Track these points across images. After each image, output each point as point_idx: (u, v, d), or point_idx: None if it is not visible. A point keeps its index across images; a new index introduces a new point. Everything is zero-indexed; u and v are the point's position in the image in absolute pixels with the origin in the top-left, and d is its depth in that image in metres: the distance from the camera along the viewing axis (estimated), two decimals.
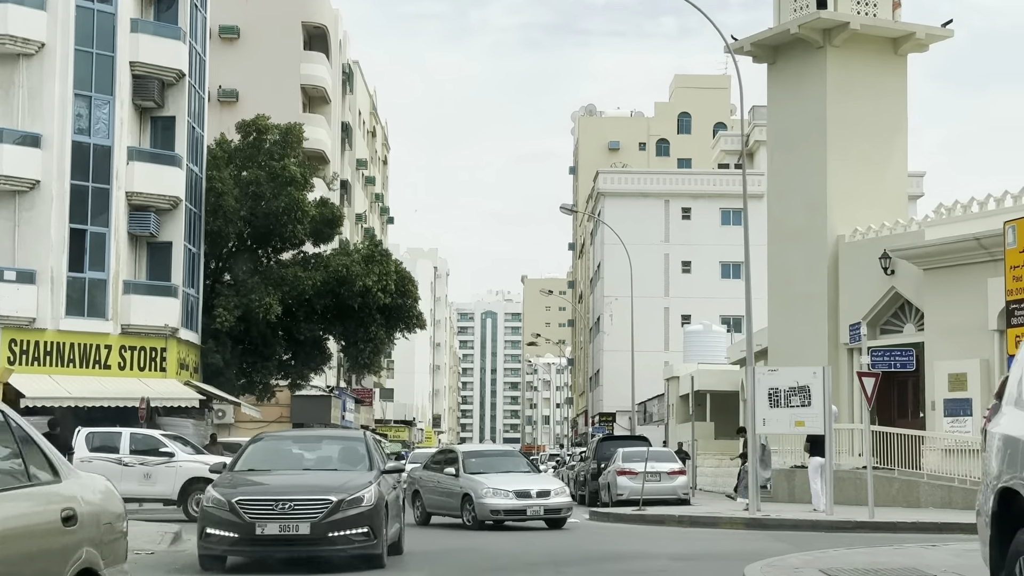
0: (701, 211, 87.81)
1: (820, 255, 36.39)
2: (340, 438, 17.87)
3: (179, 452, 25.97)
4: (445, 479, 24.68)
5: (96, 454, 25.50)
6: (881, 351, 24.35)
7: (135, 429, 28.01)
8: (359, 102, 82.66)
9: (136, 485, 24.98)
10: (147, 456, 25.81)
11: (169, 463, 25.64)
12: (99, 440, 26.35)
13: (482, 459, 25.43)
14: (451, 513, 24.42)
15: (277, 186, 39.82)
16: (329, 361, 43.40)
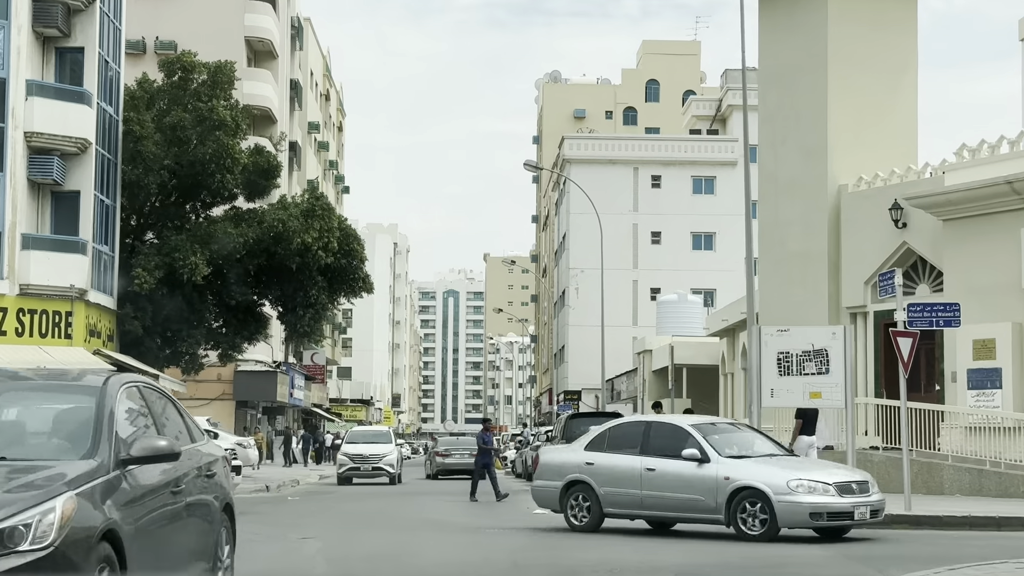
0: (672, 179, 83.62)
1: (819, 208, 32.08)
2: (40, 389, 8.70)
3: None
4: (672, 467, 16.98)
5: None
6: (920, 306, 20.05)
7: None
8: (311, 61, 77.89)
9: None
10: None
11: None
12: None
13: (722, 435, 17.66)
14: (695, 516, 16.96)
15: (204, 130, 35.11)
16: (265, 329, 38.73)
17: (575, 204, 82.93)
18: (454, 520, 20.81)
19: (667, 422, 18.32)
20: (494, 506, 25.87)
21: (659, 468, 17.17)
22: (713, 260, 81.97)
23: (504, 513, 23.40)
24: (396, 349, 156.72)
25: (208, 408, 57.18)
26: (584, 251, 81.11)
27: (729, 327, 44.35)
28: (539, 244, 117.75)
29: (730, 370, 44.99)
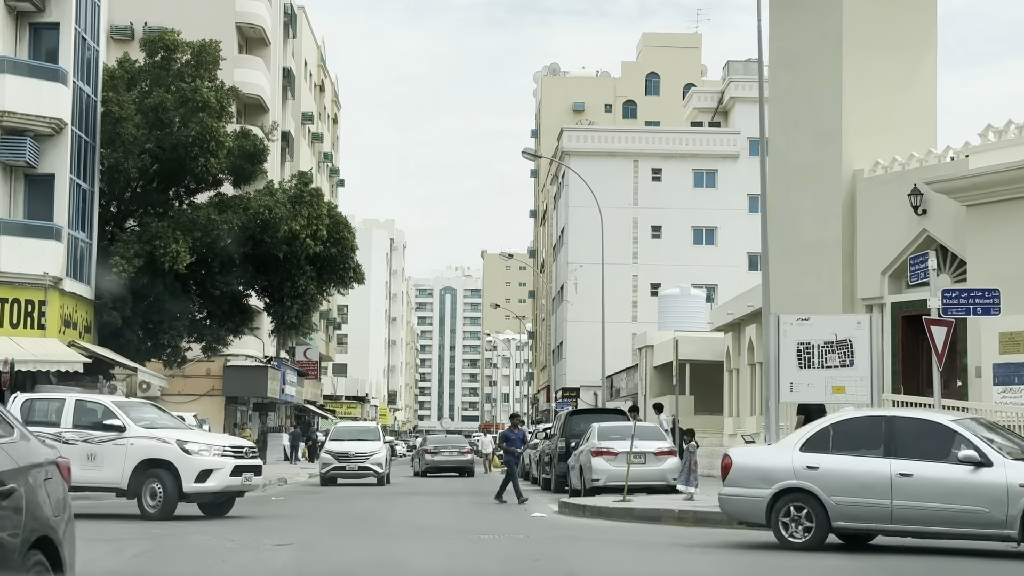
0: (672, 172, 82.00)
1: (834, 195, 30.44)
2: None
3: (131, 426, 20.19)
4: (937, 472, 14.05)
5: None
6: (955, 292, 18.43)
7: (81, 394, 22.38)
8: (304, 50, 76.19)
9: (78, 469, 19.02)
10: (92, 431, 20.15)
11: (118, 439, 20.08)
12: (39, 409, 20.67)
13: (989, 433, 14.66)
14: (971, 532, 13.96)
15: (187, 112, 33.48)
16: (251, 321, 37.08)
17: (574, 197, 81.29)
18: (445, 523, 19.19)
19: (920, 417, 15.08)
20: (488, 507, 24.23)
21: (917, 474, 14.00)
22: (715, 255, 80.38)
23: (500, 515, 21.78)
24: (392, 346, 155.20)
25: (197, 404, 55.49)
26: (583, 245, 79.49)
27: (734, 321, 42.73)
28: (537, 239, 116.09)
29: (735, 366, 43.38)
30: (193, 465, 19.62)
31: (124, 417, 19.98)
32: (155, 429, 20.06)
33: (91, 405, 20.58)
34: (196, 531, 17.37)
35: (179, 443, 19.65)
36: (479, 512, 22.94)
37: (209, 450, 19.85)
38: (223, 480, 19.77)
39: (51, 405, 20.49)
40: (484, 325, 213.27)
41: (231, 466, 19.94)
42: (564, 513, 21.55)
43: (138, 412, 20.64)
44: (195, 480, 19.60)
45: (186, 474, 19.57)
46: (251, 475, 20.60)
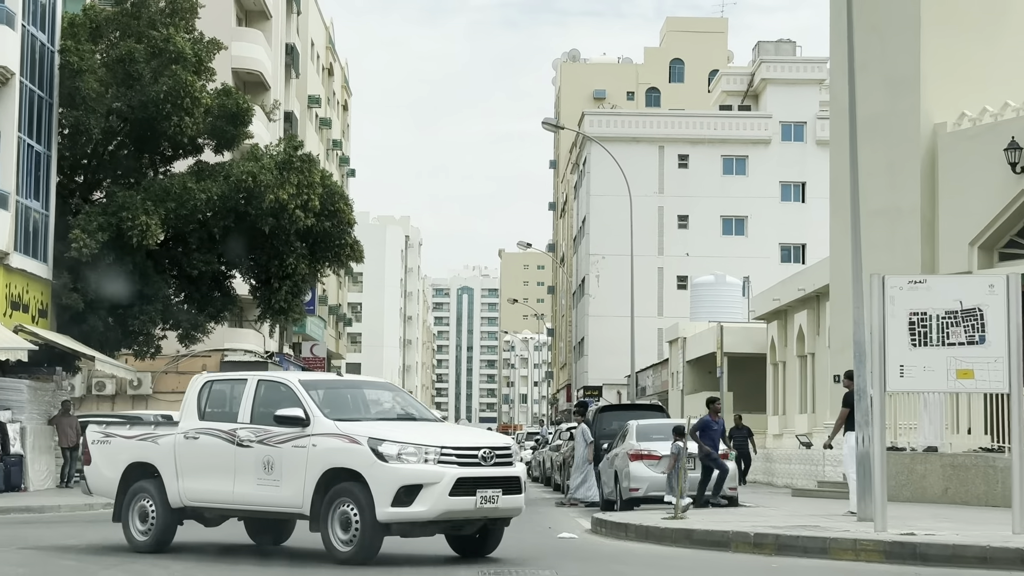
0: (700, 159, 77.47)
1: (910, 153, 25.91)
2: None
3: (318, 417, 13.14)
4: None
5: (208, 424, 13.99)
6: None
7: (265, 373, 15.07)
8: (311, 29, 71.91)
9: (253, 486, 13.41)
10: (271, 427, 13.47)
11: (298, 440, 13.11)
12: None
13: None
14: None
15: (159, 65, 29.12)
16: (233, 305, 32.67)
17: (596, 185, 76.86)
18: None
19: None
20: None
21: None
22: (745, 246, 75.82)
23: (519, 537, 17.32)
24: (408, 345, 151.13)
25: None
26: (605, 236, 75.08)
27: (780, 308, 38.20)
28: (556, 232, 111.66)
29: (781, 358, 38.84)
30: (390, 478, 12.44)
31: (309, 403, 13.16)
32: (348, 421, 13.03)
33: (276, 387, 13.70)
34: None
35: (371, 442, 12.57)
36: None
37: (417, 453, 12.54)
38: (439, 501, 12.44)
39: (231, 389, 14.11)
40: (502, 324, 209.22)
41: (452, 479, 12.50)
42: (599, 533, 17.06)
43: (337, 395, 13.90)
44: (392, 502, 12.39)
45: (380, 492, 12.42)
46: (495, 493, 12.75)
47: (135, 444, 14.48)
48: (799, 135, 77.77)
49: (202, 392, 14.27)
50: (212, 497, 13.78)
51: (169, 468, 14.03)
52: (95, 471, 14.99)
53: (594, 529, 17.55)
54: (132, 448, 14.49)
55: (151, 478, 14.24)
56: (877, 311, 14.25)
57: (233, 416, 13.72)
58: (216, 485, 13.63)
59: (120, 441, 14.68)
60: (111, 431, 14.87)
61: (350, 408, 13.73)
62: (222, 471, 13.56)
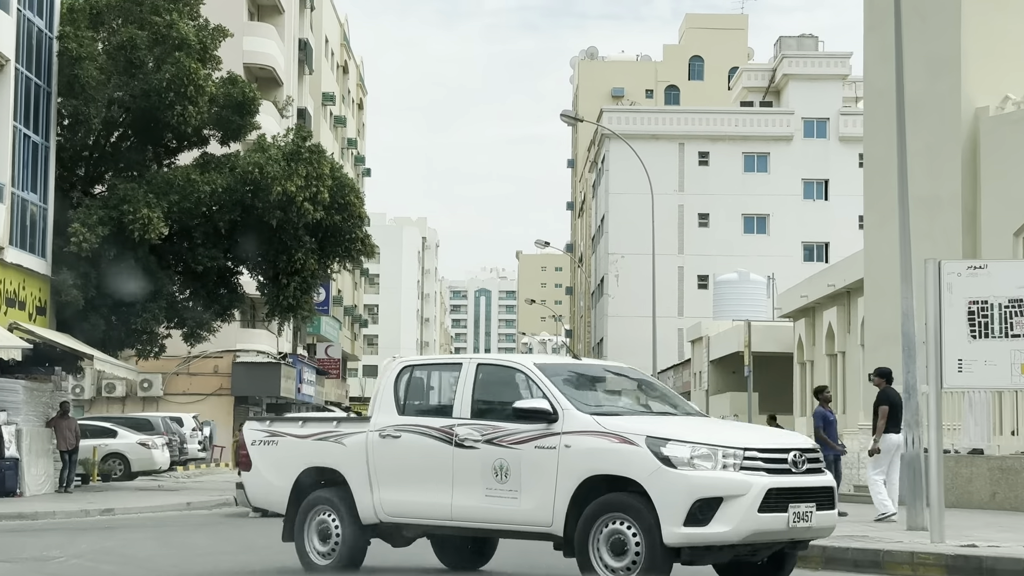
0: (721, 156, 76.18)
1: (950, 138, 24.59)
2: None
3: (569, 410, 10.71)
4: None
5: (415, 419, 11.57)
6: None
7: (484, 356, 12.18)
8: (325, 25, 70.88)
9: (480, 497, 10.99)
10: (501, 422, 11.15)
11: (544, 439, 10.58)
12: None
13: None
14: None
15: (162, 52, 27.95)
16: (241, 302, 31.46)
17: (615, 183, 75.62)
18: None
19: None
20: None
21: None
22: (767, 244, 74.45)
23: None
24: (425, 347, 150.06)
25: (203, 404, 50.56)
26: (624, 235, 73.81)
27: (808, 306, 36.85)
28: (574, 232, 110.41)
29: (808, 357, 37.48)
30: (681, 489, 9.73)
31: (554, 392, 10.56)
32: (607, 416, 10.50)
33: (504, 373, 11.25)
34: None
35: (651, 442, 9.90)
36: None
37: (712, 456, 9.79)
38: (746, 519, 9.71)
39: (440, 377, 11.85)
40: (519, 326, 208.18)
41: (762, 490, 9.74)
42: None
43: (582, 382, 11.31)
44: (685, 520, 9.72)
45: (667, 507, 9.76)
46: (809, 508, 10.07)
47: (312, 445, 11.90)
48: (822, 131, 76.40)
49: (400, 380, 11.62)
50: (420, 511, 11.16)
51: (360, 475, 11.46)
52: (256, 478, 12.39)
53: None
54: (308, 450, 11.94)
55: (334, 487, 11.73)
56: (932, 300, 12.95)
57: (445, 410, 11.23)
58: (426, 496, 11.04)
59: (291, 442, 12.09)
60: (278, 429, 12.30)
61: (600, 399, 11.08)
62: (435, 478, 11.01)
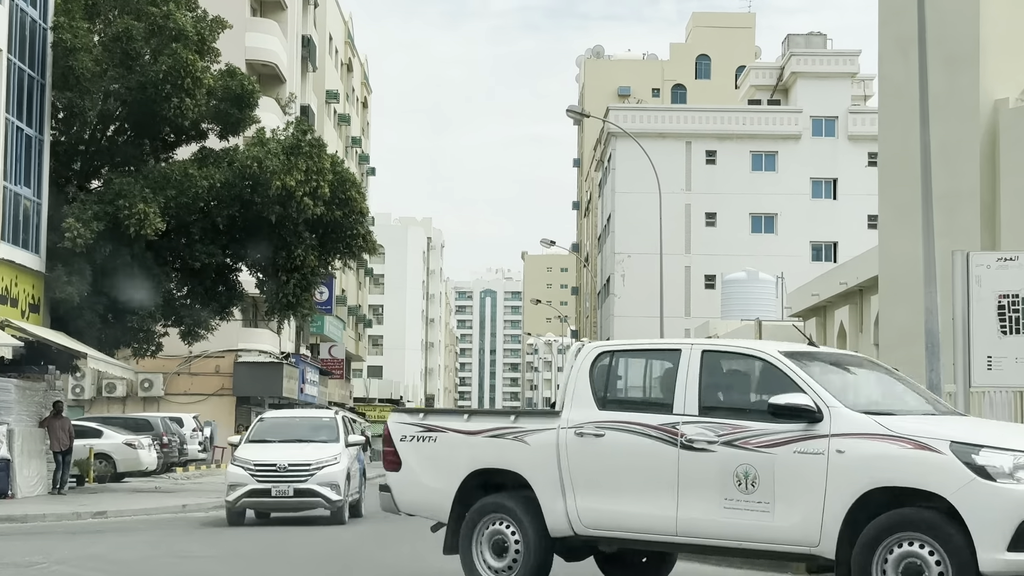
0: (728, 155, 75.40)
1: (968, 132, 23.86)
2: None
3: (837, 408, 9.33)
4: None
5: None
6: None
7: (711, 342, 11.33)
8: (329, 23, 70.29)
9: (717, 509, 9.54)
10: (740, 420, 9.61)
11: (807, 442, 9.20)
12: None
13: None
14: None
15: (159, 44, 27.31)
16: (240, 300, 30.83)
17: (621, 182, 74.93)
18: None
19: None
20: None
21: None
22: (775, 244, 73.70)
23: None
24: (430, 348, 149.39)
25: (205, 404, 50.00)
26: (631, 234, 73.10)
27: (819, 305, 36.13)
28: (580, 232, 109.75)
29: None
30: (1004, 506, 8.33)
31: (813, 386, 9.15)
32: (891, 416, 9.13)
33: (741, 362, 9.89)
34: None
35: (958, 449, 8.55)
36: None
37: None
38: None
39: (650, 364, 10.34)
40: (525, 327, 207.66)
41: None
42: None
43: (839, 378, 9.75)
44: (1010, 544, 8.32)
45: (984, 528, 8.36)
46: None
47: (483, 443, 10.35)
48: (830, 130, 75.66)
49: (596, 368, 10.03)
50: (631, 523, 9.63)
51: (549, 479, 9.96)
52: (408, 479, 10.83)
53: None
54: (478, 448, 10.40)
55: (513, 491, 10.23)
56: (960, 294, 12.28)
57: (663, 404, 9.65)
58: (641, 506, 9.55)
59: (454, 438, 10.54)
60: (435, 422, 10.80)
61: (870, 395, 9.64)
62: (653, 485, 9.50)
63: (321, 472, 19.82)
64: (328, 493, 19.76)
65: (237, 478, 19.85)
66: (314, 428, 21.48)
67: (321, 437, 20.88)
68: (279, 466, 19.75)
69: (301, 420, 22.62)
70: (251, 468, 19.79)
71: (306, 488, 19.68)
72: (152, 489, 29.13)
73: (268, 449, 20.32)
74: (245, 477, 19.76)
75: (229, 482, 20.10)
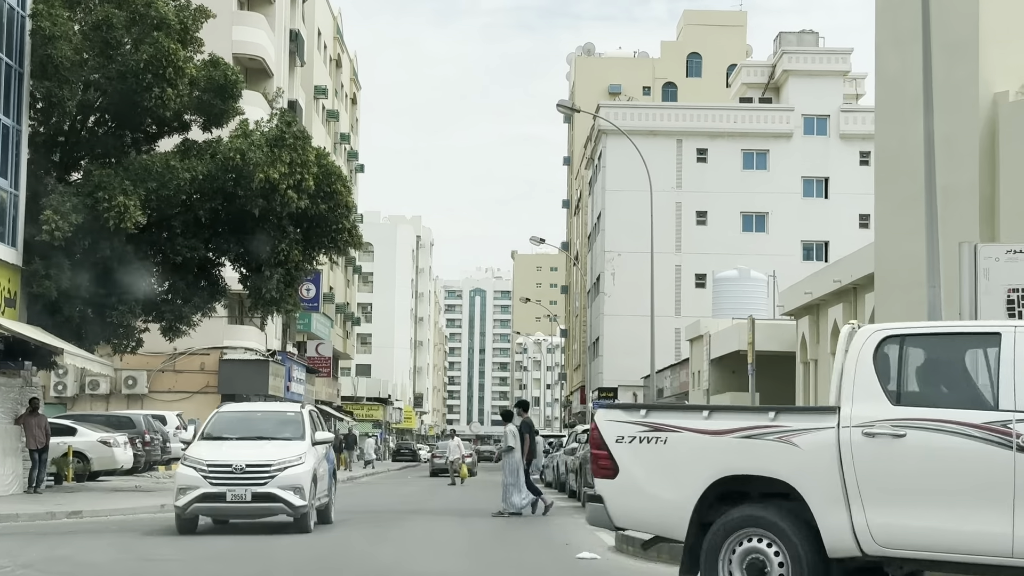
0: (719, 153, 74.87)
1: (967, 125, 23.34)
2: None
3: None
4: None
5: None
6: None
7: None
8: (318, 17, 69.63)
9: None
10: None
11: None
12: None
13: None
14: None
15: (140, 32, 26.69)
16: (223, 295, 30.18)
17: (611, 180, 74.43)
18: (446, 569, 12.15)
19: None
20: (514, 539, 17.29)
21: None
22: (766, 243, 73.22)
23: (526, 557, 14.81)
24: (419, 347, 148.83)
25: (189, 402, 49.34)
26: (621, 232, 72.63)
27: (812, 303, 35.62)
28: (570, 230, 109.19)
29: (812, 356, 36.25)
30: None
31: None
32: None
33: None
34: None
35: None
36: (501, 549, 15.99)
37: None
38: None
39: (955, 353, 8.84)
40: (514, 326, 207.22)
41: None
42: (626, 553, 14.52)
43: None
44: None
45: None
46: None
47: (732, 445, 8.87)
48: (822, 129, 75.20)
49: (880, 355, 8.55)
50: (950, 541, 8.17)
51: (827, 488, 8.52)
52: (627, 488, 9.32)
53: (619, 547, 15.02)
54: (726, 451, 8.92)
55: (770, 503, 8.84)
56: (968, 287, 11.72)
57: (982, 399, 8.32)
58: (963, 520, 8.10)
59: (693, 439, 9.06)
60: (663, 420, 9.23)
61: None
62: (980, 495, 8.08)
63: (283, 474, 17.50)
64: (291, 497, 17.46)
65: (187, 480, 17.50)
66: (277, 424, 19.04)
67: (284, 434, 18.54)
68: (235, 467, 17.39)
69: (262, 415, 20.17)
70: (203, 469, 17.45)
71: (266, 492, 17.35)
72: (132, 488, 28.50)
73: (224, 447, 18.03)
74: (196, 479, 17.39)
75: (178, 485, 17.74)
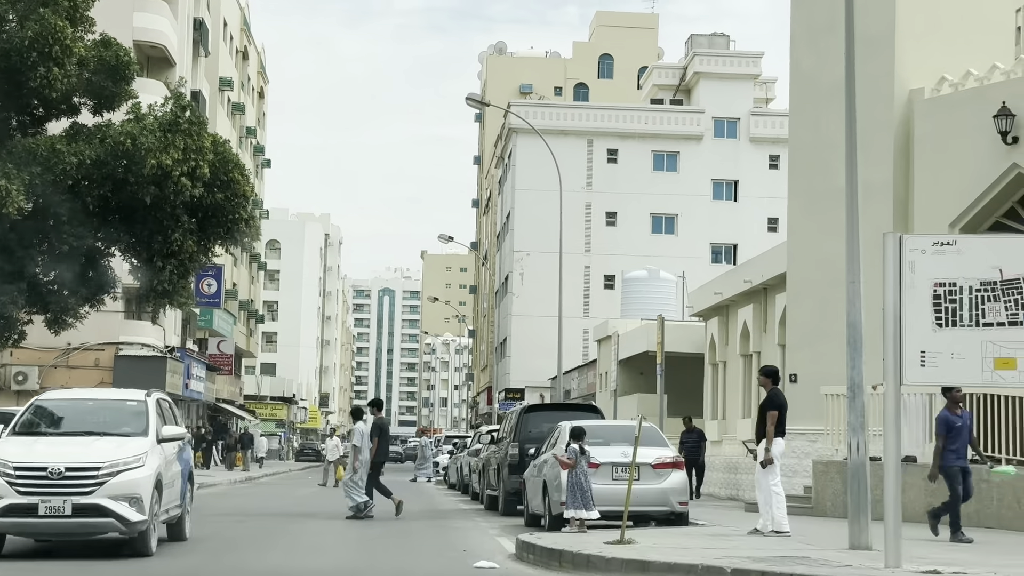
0: (630, 154, 74.55)
1: (882, 122, 22.89)
2: None
3: None
4: None
5: None
6: None
7: None
8: (224, 8, 67.98)
9: None
10: None
11: None
12: None
13: None
14: None
15: (27, 7, 25.30)
16: (112, 287, 28.79)
17: (521, 179, 73.77)
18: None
19: None
20: (409, 545, 16.36)
21: None
22: (675, 245, 73.05)
23: (422, 563, 13.90)
24: (326, 346, 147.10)
25: None
26: (530, 232, 71.98)
27: (722, 304, 35.13)
28: (480, 230, 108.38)
29: (721, 358, 35.76)
30: None
31: None
32: None
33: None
34: None
35: None
36: (394, 556, 15.05)
37: None
38: None
39: None
40: (423, 327, 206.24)
41: None
42: (526, 561, 13.65)
43: None
44: None
45: None
46: None
47: None
48: (732, 132, 75.22)
49: None
50: None
51: None
52: None
53: (519, 555, 14.15)
54: None
55: None
56: (892, 281, 11.03)
57: None
58: None
59: None
60: None
61: None
62: None
63: (116, 480, 13.60)
64: (124, 510, 13.53)
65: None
66: (113, 416, 15.03)
67: (122, 429, 14.62)
68: (51, 470, 13.47)
69: (95, 404, 15.78)
70: (9, 474, 13.52)
71: (91, 504, 13.43)
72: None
73: (39, 446, 14.10)
74: (1, 487, 13.49)
75: None
